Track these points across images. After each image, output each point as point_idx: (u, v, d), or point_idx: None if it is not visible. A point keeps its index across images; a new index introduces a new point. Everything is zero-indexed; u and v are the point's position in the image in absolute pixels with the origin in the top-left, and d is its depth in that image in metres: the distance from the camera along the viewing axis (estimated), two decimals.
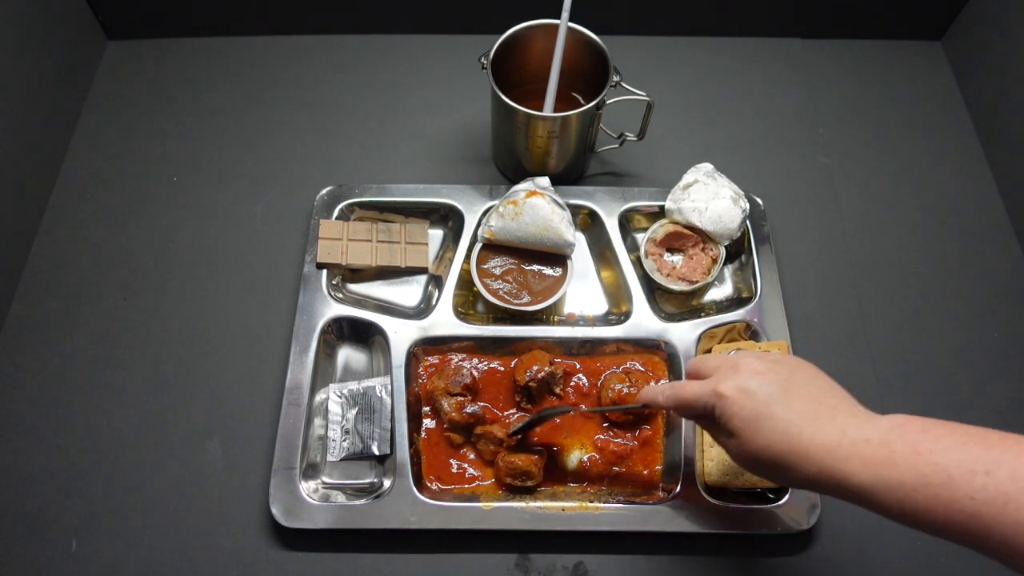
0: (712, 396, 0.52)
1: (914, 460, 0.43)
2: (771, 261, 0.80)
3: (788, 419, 0.48)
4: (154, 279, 0.82)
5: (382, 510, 0.67)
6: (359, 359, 0.78)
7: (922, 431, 0.44)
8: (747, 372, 0.51)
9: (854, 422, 0.47)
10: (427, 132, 0.93)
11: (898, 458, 0.44)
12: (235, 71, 0.98)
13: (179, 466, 0.72)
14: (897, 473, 0.43)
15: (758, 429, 0.49)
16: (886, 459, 0.44)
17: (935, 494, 0.41)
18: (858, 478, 0.45)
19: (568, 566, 0.68)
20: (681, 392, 0.55)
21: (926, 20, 1.00)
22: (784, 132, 0.94)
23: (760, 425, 0.49)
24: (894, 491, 0.43)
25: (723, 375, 0.52)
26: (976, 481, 0.40)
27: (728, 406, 0.51)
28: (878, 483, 0.44)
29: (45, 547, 0.68)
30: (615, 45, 0.78)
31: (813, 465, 0.47)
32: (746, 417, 0.50)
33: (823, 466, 0.46)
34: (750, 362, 0.52)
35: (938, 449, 0.43)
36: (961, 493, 0.41)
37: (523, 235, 0.76)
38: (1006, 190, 0.89)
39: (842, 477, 0.46)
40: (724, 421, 0.51)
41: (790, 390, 0.50)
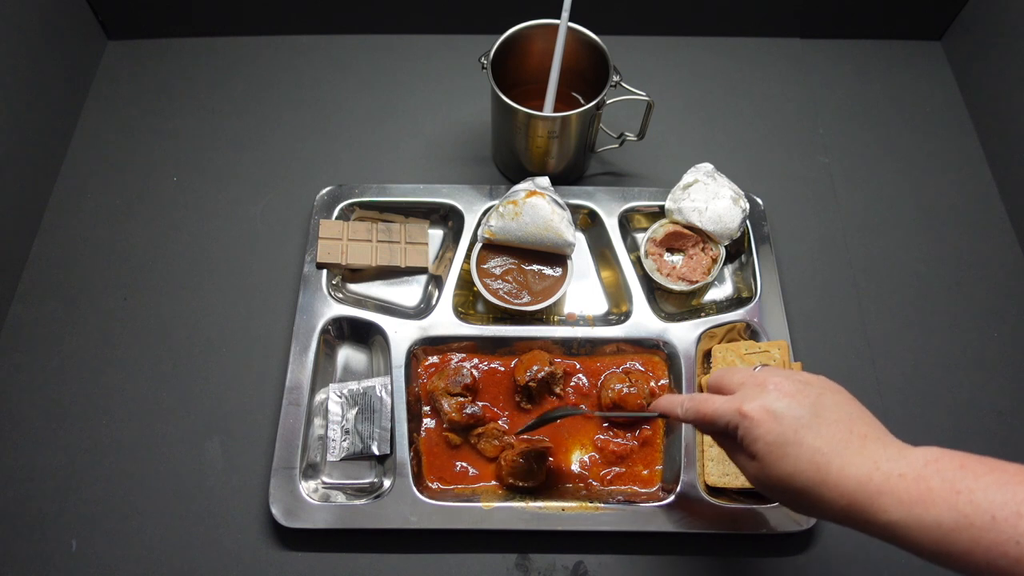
0: (736, 415, 0.49)
1: (953, 499, 0.40)
2: (771, 261, 0.80)
3: (816, 447, 0.45)
4: (154, 279, 0.82)
5: (382, 510, 0.67)
6: (359, 359, 0.78)
7: (960, 467, 0.42)
8: (775, 392, 0.48)
9: (886, 453, 0.44)
10: (427, 132, 0.93)
11: (936, 496, 0.41)
12: (235, 71, 0.98)
13: (179, 466, 0.72)
14: (935, 512, 0.41)
15: (784, 455, 0.46)
16: (922, 497, 0.41)
17: (977, 536, 0.39)
18: (890, 515, 0.42)
19: (568, 566, 0.68)
20: (703, 407, 0.52)
21: (926, 20, 1.00)
22: (784, 132, 0.94)
23: (786, 451, 0.46)
24: (931, 531, 0.41)
25: (749, 393, 0.49)
26: (1022, 525, 0.38)
27: (753, 428, 0.47)
28: (913, 522, 0.41)
29: (45, 547, 0.68)
30: (615, 45, 0.78)
31: (843, 498, 0.44)
32: (772, 441, 0.46)
33: (853, 499, 0.43)
34: (778, 381, 0.49)
35: (979, 488, 0.40)
36: (1006, 537, 0.38)
37: (523, 235, 0.76)
38: (1006, 190, 0.89)
39: (873, 513, 0.43)
40: (747, 443, 0.48)
41: (819, 414, 0.47)
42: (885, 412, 0.76)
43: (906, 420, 0.76)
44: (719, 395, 0.52)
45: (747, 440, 0.48)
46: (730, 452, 0.52)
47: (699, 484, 0.69)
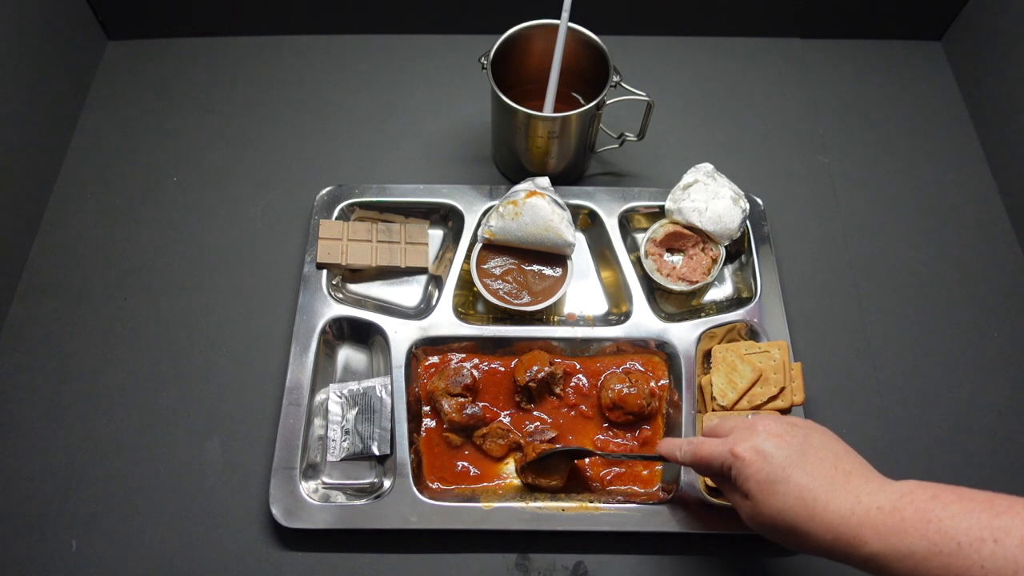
0: (728, 456, 0.52)
1: (924, 528, 0.43)
2: (771, 261, 0.80)
3: (803, 484, 0.49)
4: (154, 279, 0.82)
5: (382, 510, 0.67)
6: (359, 359, 0.78)
7: (931, 498, 0.45)
8: (764, 433, 0.52)
9: (867, 488, 0.48)
10: (427, 132, 0.93)
11: (908, 526, 0.44)
12: (235, 71, 0.98)
13: (179, 466, 0.72)
14: (908, 542, 0.43)
15: (774, 492, 0.49)
16: (897, 527, 0.44)
17: (946, 563, 0.42)
18: (871, 547, 0.45)
19: (568, 566, 0.68)
20: (699, 450, 0.56)
21: (926, 20, 1.00)
22: (784, 132, 0.94)
23: (776, 488, 0.49)
24: (906, 560, 0.43)
25: (740, 436, 0.53)
26: (985, 550, 0.41)
27: (744, 467, 0.51)
28: (890, 552, 0.44)
29: (45, 547, 0.68)
30: (615, 45, 0.78)
31: (829, 532, 0.47)
32: (762, 480, 0.50)
33: (838, 533, 0.47)
34: (767, 424, 0.53)
35: (947, 516, 0.43)
36: (971, 562, 0.41)
37: (523, 235, 0.76)
38: (1006, 190, 0.89)
39: (856, 546, 0.46)
40: (740, 482, 0.52)
41: (806, 453, 0.50)
42: (885, 412, 0.76)
43: (906, 420, 0.76)
44: (714, 439, 0.56)
45: (739, 479, 0.52)
46: (727, 493, 0.56)
47: (699, 484, 0.69)
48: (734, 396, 0.72)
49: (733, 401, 0.72)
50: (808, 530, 0.48)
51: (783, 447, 0.51)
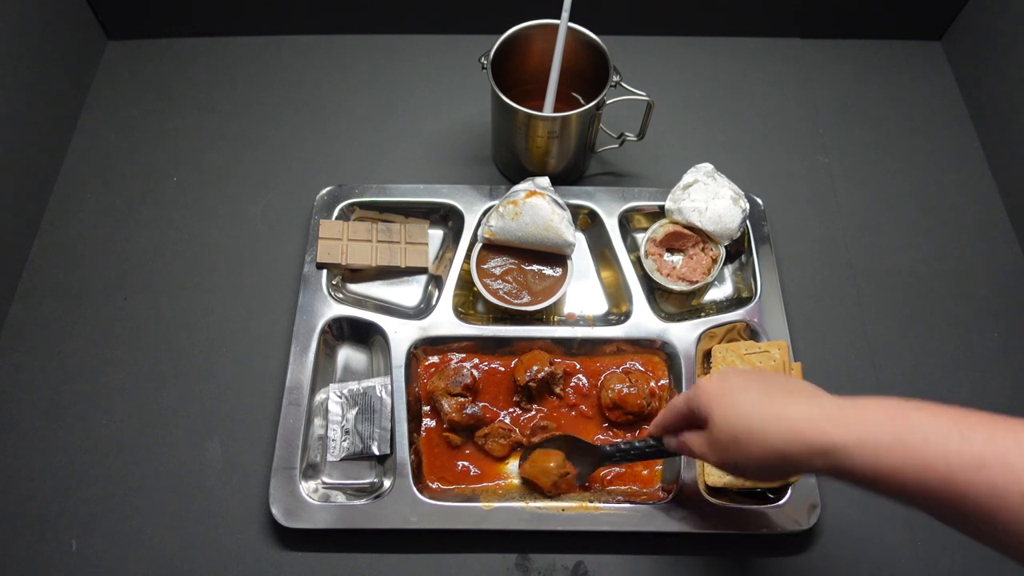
0: (692, 391, 0.54)
1: (890, 422, 0.43)
2: (771, 261, 0.80)
3: (761, 394, 0.49)
4: (154, 279, 0.82)
5: (382, 510, 0.67)
6: (359, 359, 0.78)
7: (898, 402, 0.45)
8: (730, 371, 0.55)
9: (829, 397, 0.48)
10: (427, 132, 0.93)
11: (874, 420, 0.44)
12: (235, 71, 0.98)
13: (179, 466, 0.72)
14: (872, 431, 0.43)
15: (732, 403, 0.50)
16: (861, 420, 0.44)
17: (910, 454, 0.41)
18: (831, 436, 0.44)
19: (568, 566, 0.68)
20: (671, 402, 0.58)
21: (926, 20, 1.00)
22: (784, 132, 0.94)
23: (734, 399, 0.50)
24: (867, 449, 0.43)
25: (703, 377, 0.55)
26: (951, 443, 0.40)
27: (704, 392, 0.52)
28: (851, 441, 0.43)
29: (45, 547, 0.68)
30: (615, 45, 0.78)
31: (785, 430, 0.47)
32: (720, 397, 0.51)
33: (796, 430, 0.46)
34: (733, 369, 0.56)
35: (915, 416, 0.43)
36: (935, 454, 0.40)
37: (523, 235, 0.76)
38: (1006, 190, 0.89)
39: (814, 436, 0.45)
40: (702, 409, 0.52)
41: (767, 381, 0.51)
42: None
43: None
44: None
45: (702, 407, 0.52)
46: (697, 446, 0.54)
47: (699, 484, 0.69)
48: None
49: None
50: (765, 429, 0.47)
51: (743, 375, 0.53)
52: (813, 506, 0.68)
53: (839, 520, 0.70)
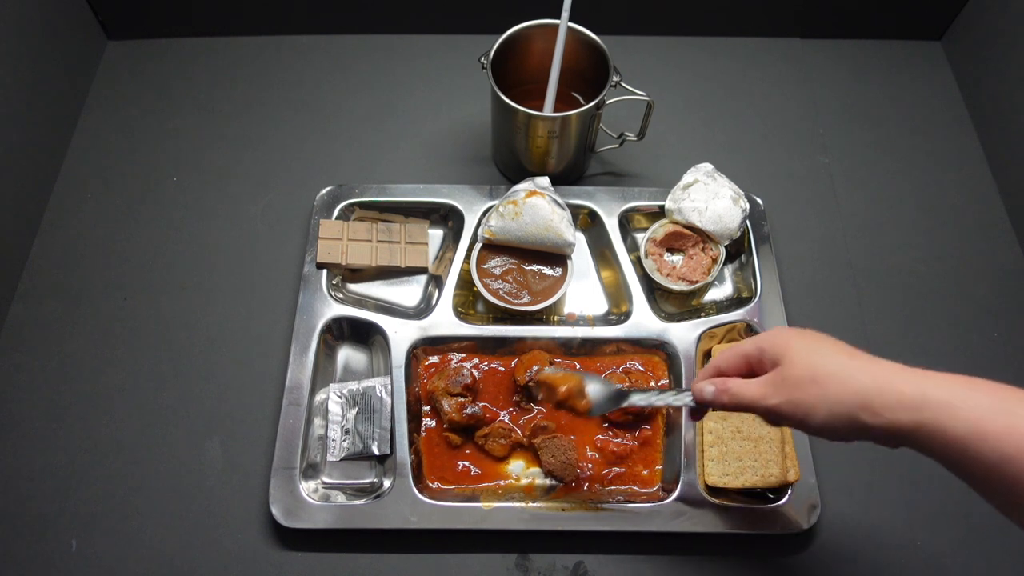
0: (766, 334, 0.52)
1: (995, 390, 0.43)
2: (771, 261, 0.80)
3: (846, 351, 0.48)
4: (154, 279, 0.82)
5: (382, 510, 0.67)
6: (359, 359, 0.78)
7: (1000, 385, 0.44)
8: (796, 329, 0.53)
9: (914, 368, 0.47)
10: (427, 132, 0.93)
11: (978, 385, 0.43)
12: (235, 71, 0.98)
13: (179, 466, 0.72)
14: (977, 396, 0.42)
15: (816, 343, 0.49)
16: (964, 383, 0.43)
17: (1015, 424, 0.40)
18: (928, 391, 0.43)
19: (568, 566, 0.68)
20: (733, 346, 0.55)
21: (926, 20, 1.00)
22: (784, 132, 0.94)
23: (818, 345, 0.49)
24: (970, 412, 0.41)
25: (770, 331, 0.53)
26: None
27: (780, 333, 0.51)
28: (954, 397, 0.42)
29: (45, 547, 0.68)
30: (615, 45, 0.78)
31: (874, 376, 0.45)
32: (802, 338, 0.50)
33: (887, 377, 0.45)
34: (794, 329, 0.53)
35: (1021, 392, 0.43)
36: None
37: (523, 235, 0.76)
38: (1006, 190, 0.89)
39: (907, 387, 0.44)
40: (778, 347, 0.50)
41: (834, 339, 0.51)
42: None
43: None
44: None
45: (778, 343, 0.50)
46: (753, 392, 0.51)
47: (699, 484, 0.69)
48: None
49: None
50: (850, 372, 0.46)
51: (814, 333, 0.51)
52: (813, 506, 0.68)
53: (839, 520, 0.70)
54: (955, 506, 0.71)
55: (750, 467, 0.69)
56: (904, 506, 0.71)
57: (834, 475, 0.72)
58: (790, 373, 0.48)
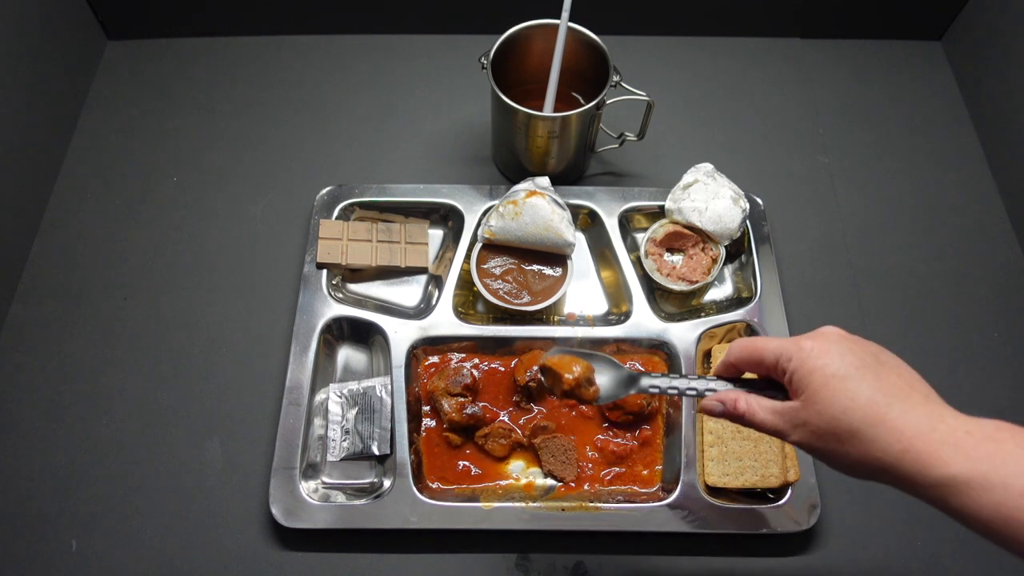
0: (791, 347, 0.45)
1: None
2: (771, 261, 0.80)
3: (877, 387, 0.42)
4: (154, 279, 0.82)
5: (382, 510, 0.67)
6: (359, 359, 0.78)
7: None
8: (834, 334, 0.46)
9: (951, 412, 0.41)
10: (427, 132, 0.93)
11: (1008, 456, 0.38)
12: (235, 71, 0.98)
13: (179, 466, 0.72)
14: (1004, 472, 0.37)
15: (842, 389, 0.42)
16: (991, 454, 0.38)
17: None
18: (950, 468, 0.38)
19: (568, 566, 0.68)
20: (753, 343, 0.48)
21: (926, 20, 1.00)
22: (784, 132, 0.94)
23: (845, 385, 0.42)
24: (994, 492, 0.37)
25: (806, 335, 0.46)
26: None
27: (811, 358, 0.44)
28: (977, 478, 0.38)
29: (45, 547, 0.68)
30: (615, 45, 0.78)
31: (900, 442, 0.40)
32: (830, 374, 0.43)
33: (911, 445, 0.40)
34: (835, 329, 0.46)
35: None
36: None
37: (523, 235, 0.76)
38: (1006, 190, 0.89)
39: (931, 464, 0.39)
40: (800, 376, 0.44)
41: (882, 364, 0.44)
42: None
43: None
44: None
45: (801, 372, 0.44)
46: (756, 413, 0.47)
47: (699, 484, 0.69)
48: None
49: None
50: (874, 436, 0.40)
51: (857, 350, 0.44)
52: (813, 506, 0.68)
53: (839, 520, 0.70)
54: None
55: (750, 467, 0.69)
56: (904, 506, 0.71)
57: (834, 475, 0.71)
58: (810, 421, 0.43)
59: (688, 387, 0.53)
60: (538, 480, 0.72)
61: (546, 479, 0.72)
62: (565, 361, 0.59)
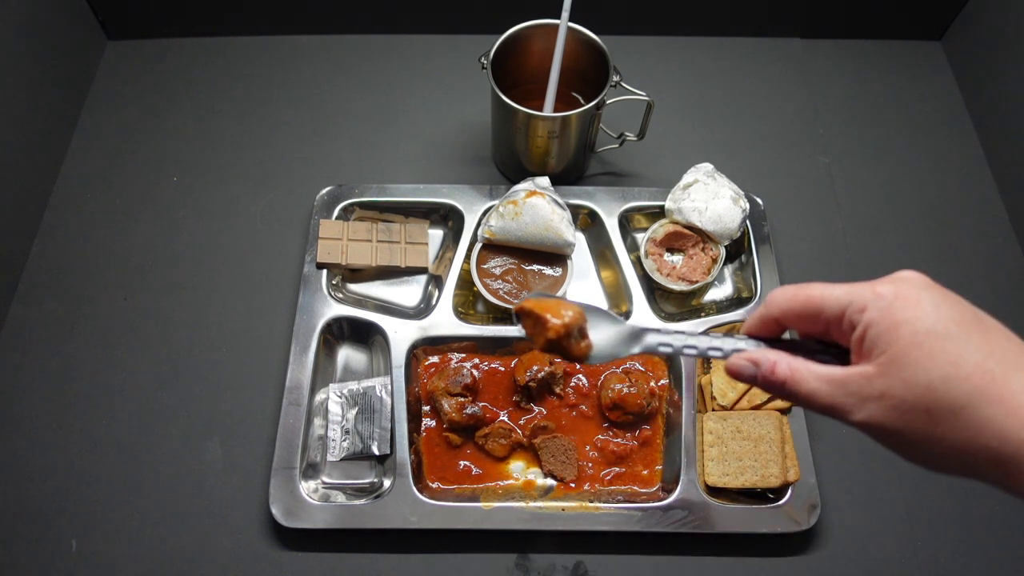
0: (867, 295, 0.35)
1: None
2: (771, 261, 0.80)
3: (988, 351, 0.32)
4: (154, 279, 0.82)
5: (382, 510, 0.67)
6: (359, 359, 0.78)
7: None
8: (920, 281, 0.36)
9: None
10: (427, 132, 0.93)
11: None
12: (235, 71, 0.98)
13: (179, 466, 0.72)
14: None
15: (941, 352, 0.32)
16: None
17: None
18: None
19: (568, 566, 0.68)
20: (810, 289, 0.37)
21: (926, 20, 1.00)
22: (784, 132, 0.94)
23: (945, 347, 0.32)
24: None
25: (882, 280, 0.36)
26: None
27: (894, 309, 0.33)
28: None
29: (45, 547, 0.68)
30: (615, 45, 0.78)
31: (1010, 416, 0.31)
32: (923, 330, 0.33)
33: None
34: (916, 273, 0.36)
35: None
36: None
37: (523, 235, 0.76)
38: (1006, 190, 0.89)
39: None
40: (879, 331, 0.34)
41: (982, 320, 0.35)
42: None
43: None
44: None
45: (880, 326, 0.34)
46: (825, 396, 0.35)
47: (699, 484, 0.69)
48: (734, 396, 0.72)
49: (733, 401, 0.72)
50: (987, 416, 0.31)
51: (953, 302, 0.34)
52: (813, 506, 0.68)
53: (839, 520, 0.70)
54: (955, 506, 0.71)
55: (750, 467, 0.69)
56: (904, 506, 0.71)
57: (834, 475, 0.72)
58: (891, 389, 0.33)
59: (710, 347, 0.41)
60: (538, 480, 0.72)
61: (546, 479, 0.72)
62: (550, 304, 0.45)
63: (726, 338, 0.41)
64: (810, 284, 0.37)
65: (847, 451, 0.74)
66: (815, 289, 0.37)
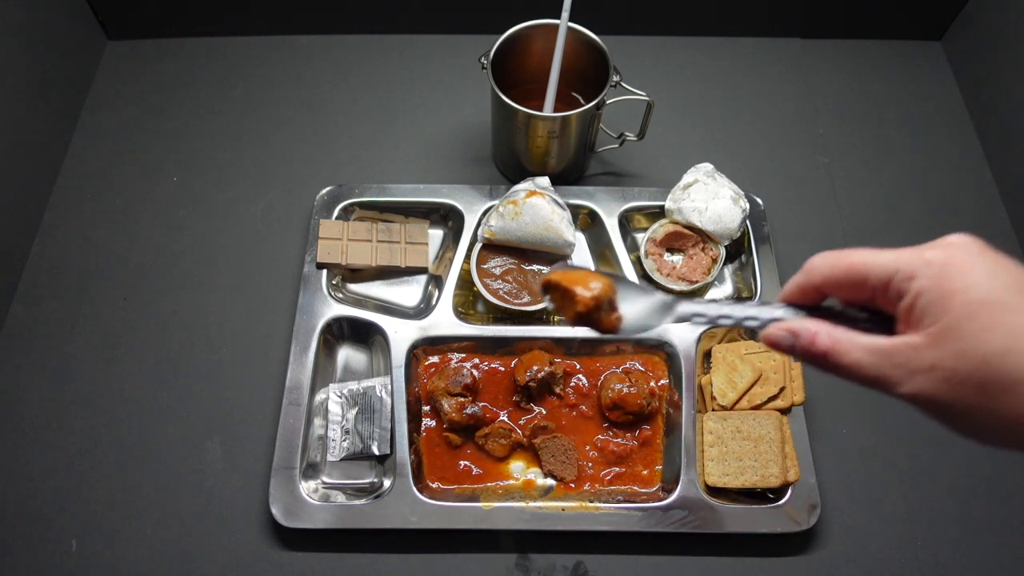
0: (916, 259, 0.33)
1: None
2: (771, 261, 0.80)
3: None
4: (154, 279, 0.82)
5: (382, 510, 0.67)
6: (359, 359, 0.78)
7: None
8: (973, 246, 0.33)
9: None
10: (427, 132, 0.93)
11: None
12: (235, 71, 0.98)
13: (179, 466, 0.72)
14: None
15: (998, 323, 0.30)
16: None
17: None
18: None
19: (568, 566, 0.68)
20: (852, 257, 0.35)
21: (926, 20, 1.00)
22: (784, 132, 0.94)
23: (1002, 318, 0.30)
24: None
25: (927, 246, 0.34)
26: None
27: (946, 277, 0.32)
28: None
29: (45, 547, 0.68)
30: (615, 45, 0.78)
31: None
32: (978, 299, 0.31)
33: None
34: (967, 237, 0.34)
35: None
36: None
37: (523, 235, 0.76)
38: (1006, 190, 0.89)
39: None
40: (930, 299, 0.32)
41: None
42: (885, 412, 0.76)
43: (906, 420, 0.76)
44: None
45: (932, 295, 0.32)
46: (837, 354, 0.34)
47: (699, 484, 0.69)
48: (734, 396, 0.72)
49: (733, 401, 0.72)
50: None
51: (1008, 267, 0.32)
52: (813, 506, 0.68)
53: (839, 520, 0.70)
54: (955, 506, 0.71)
55: (750, 467, 0.69)
56: (904, 506, 0.71)
57: (834, 475, 0.72)
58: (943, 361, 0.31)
59: (746, 316, 0.39)
60: (538, 480, 0.72)
61: (546, 479, 0.72)
62: (578, 275, 0.43)
63: (763, 306, 0.39)
64: (853, 250, 0.35)
65: (847, 451, 0.74)
66: (858, 255, 0.35)
